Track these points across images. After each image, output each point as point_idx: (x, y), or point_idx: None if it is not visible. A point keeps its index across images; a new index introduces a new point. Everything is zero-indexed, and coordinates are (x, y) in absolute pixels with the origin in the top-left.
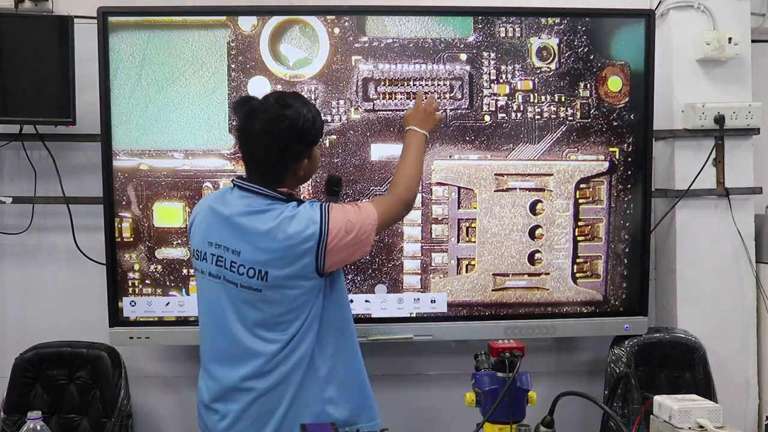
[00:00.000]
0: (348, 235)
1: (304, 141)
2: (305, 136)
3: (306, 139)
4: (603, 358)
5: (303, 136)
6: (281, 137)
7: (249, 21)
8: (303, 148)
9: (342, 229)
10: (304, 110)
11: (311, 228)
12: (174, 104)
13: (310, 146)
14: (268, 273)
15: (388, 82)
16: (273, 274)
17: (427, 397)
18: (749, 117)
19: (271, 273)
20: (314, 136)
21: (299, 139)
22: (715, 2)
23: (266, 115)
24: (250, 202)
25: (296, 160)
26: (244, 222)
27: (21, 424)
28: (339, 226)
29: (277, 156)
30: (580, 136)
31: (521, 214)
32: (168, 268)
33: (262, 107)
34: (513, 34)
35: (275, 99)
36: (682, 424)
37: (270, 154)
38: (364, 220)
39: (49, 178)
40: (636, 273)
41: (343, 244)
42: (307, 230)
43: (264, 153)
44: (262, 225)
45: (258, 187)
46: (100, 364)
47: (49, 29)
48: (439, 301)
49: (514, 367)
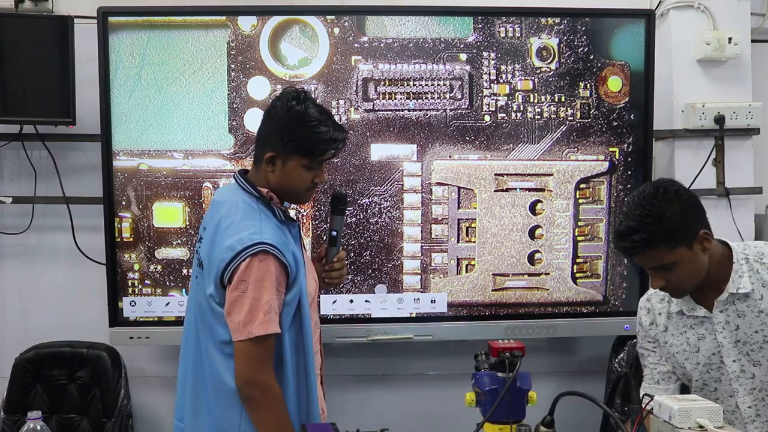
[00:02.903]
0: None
1: (280, 135)
2: (282, 131)
3: (282, 134)
4: (603, 358)
5: (279, 129)
6: (265, 116)
7: (249, 21)
8: (276, 142)
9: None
10: (297, 108)
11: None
12: (174, 104)
13: (287, 150)
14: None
15: (388, 82)
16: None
17: (427, 397)
18: (749, 117)
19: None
20: (293, 142)
21: (274, 127)
22: (715, 2)
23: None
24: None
25: (265, 147)
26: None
27: (21, 424)
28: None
29: (257, 136)
30: (580, 136)
31: (521, 214)
32: (168, 268)
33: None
34: (513, 34)
35: (289, 90)
36: (682, 424)
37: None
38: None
39: (49, 178)
40: (636, 273)
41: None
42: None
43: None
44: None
45: (242, 180)
46: (100, 364)
47: (49, 29)
48: (439, 301)
49: (514, 367)
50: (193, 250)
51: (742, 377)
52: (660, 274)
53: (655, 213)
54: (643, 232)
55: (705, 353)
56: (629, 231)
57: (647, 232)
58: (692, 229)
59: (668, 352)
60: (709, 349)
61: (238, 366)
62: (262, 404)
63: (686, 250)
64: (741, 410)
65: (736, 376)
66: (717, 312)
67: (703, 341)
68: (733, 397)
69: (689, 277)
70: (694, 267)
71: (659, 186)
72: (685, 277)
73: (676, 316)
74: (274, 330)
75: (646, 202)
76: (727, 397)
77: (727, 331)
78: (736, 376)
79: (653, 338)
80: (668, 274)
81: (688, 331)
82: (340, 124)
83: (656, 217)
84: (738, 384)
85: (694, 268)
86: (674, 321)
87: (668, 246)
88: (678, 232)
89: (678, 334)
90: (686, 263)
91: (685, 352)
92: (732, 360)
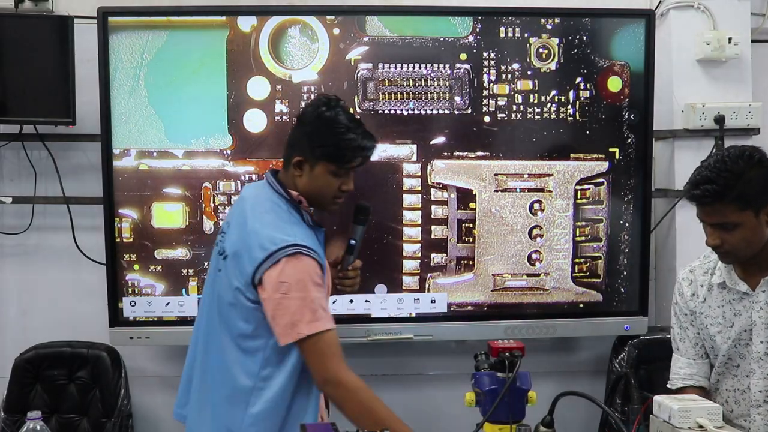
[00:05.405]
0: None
1: (308, 140)
2: (311, 136)
3: (311, 139)
4: (603, 358)
5: (308, 134)
6: (296, 121)
7: (248, 21)
8: (304, 146)
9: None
10: (327, 114)
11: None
12: (174, 104)
13: (315, 155)
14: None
15: (388, 82)
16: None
17: (427, 397)
18: (749, 117)
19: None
20: (321, 148)
21: (303, 132)
22: (715, 2)
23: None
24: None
25: (294, 151)
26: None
27: (21, 424)
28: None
29: (288, 140)
30: (580, 135)
31: (521, 215)
32: (168, 268)
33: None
34: (513, 34)
35: (321, 95)
36: (682, 424)
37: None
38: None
39: (49, 178)
40: (636, 273)
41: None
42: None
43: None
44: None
45: (273, 180)
46: (100, 364)
47: (49, 29)
48: (439, 301)
49: (514, 367)
50: (193, 249)
51: (764, 360)
52: (719, 233)
53: (736, 170)
54: (717, 185)
55: (737, 329)
56: (704, 180)
57: (721, 185)
58: (765, 197)
59: (702, 323)
60: (741, 325)
61: (310, 369)
62: (342, 400)
63: (753, 215)
64: (751, 392)
65: (758, 357)
66: (760, 291)
67: (738, 317)
68: (749, 378)
69: (747, 243)
70: (755, 235)
71: (745, 150)
72: (743, 242)
73: (717, 289)
74: (325, 327)
75: (729, 160)
76: (744, 377)
77: (764, 311)
78: (758, 357)
79: (692, 311)
80: (727, 234)
81: (725, 305)
82: (370, 132)
83: (735, 175)
84: (757, 365)
85: (754, 235)
86: (714, 293)
87: (737, 205)
88: (751, 195)
89: (715, 307)
90: (748, 229)
91: (719, 325)
92: (760, 340)
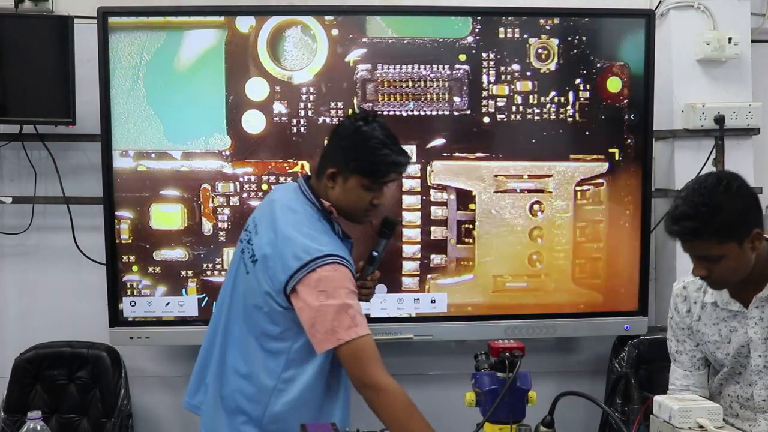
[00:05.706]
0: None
1: (343, 153)
2: (346, 150)
3: (346, 152)
4: (603, 358)
5: (344, 148)
6: (332, 133)
7: (247, 21)
8: (339, 159)
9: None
10: (364, 129)
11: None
12: (173, 104)
13: (349, 168)
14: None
15: (388, 82)
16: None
17: (427, 397)
18: (749, 117)
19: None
20: (356, 162)
21: (339, 145)
22: (715, 2)
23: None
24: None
25: (328, 163)
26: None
27: (21, 424)
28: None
29: (324, 150)
30: (580, 136)
31: (521, 215)
32: (168, 268)
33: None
34: (512, 34)
35: (360, 110)
36: (682, 424)
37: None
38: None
39: (49, 178)
40: (636, 273)
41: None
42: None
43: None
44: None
45: (305, 187)
46: (100, 364)
47: (49, 29)
48: (439, 301)
49: (514, 367)
50: (192, 250)
51: (764, 372)
52: (704, 264)
53: (713, 204)
54: (696, 221)
55: (735, 345)
56: (682, 216)
57: (701, 221)
58: (747, 228)
59: (701, 340)
60: (739, 341)
61: (349, 373)
62: (380, 405)
63: (736, 246)
64: (755, 400)
65: (758, 370)
66: (753, 308)
67: (735, 333)
68: (752, 387)
69: (733, 272)
70: (741, 263)
71: (723, 178)
72: (730, 271)
73: (710, 307)
74: (363, 332)
75: (706, 192)
76: (747, 386)
77: (759, 327)
78: (758, 370)
79: (688, 326)
80: (712, 265)
81: (720, 323)
82: (404, 149)
83: (713, 209)
84: (758, 377)
85: (740, 264)
86: (707, 311)
87: (718, 239)
88: (732, 228)
89: (711, 325)
90: (733, 259)
91: (716, 342)
92: (758, 355)
